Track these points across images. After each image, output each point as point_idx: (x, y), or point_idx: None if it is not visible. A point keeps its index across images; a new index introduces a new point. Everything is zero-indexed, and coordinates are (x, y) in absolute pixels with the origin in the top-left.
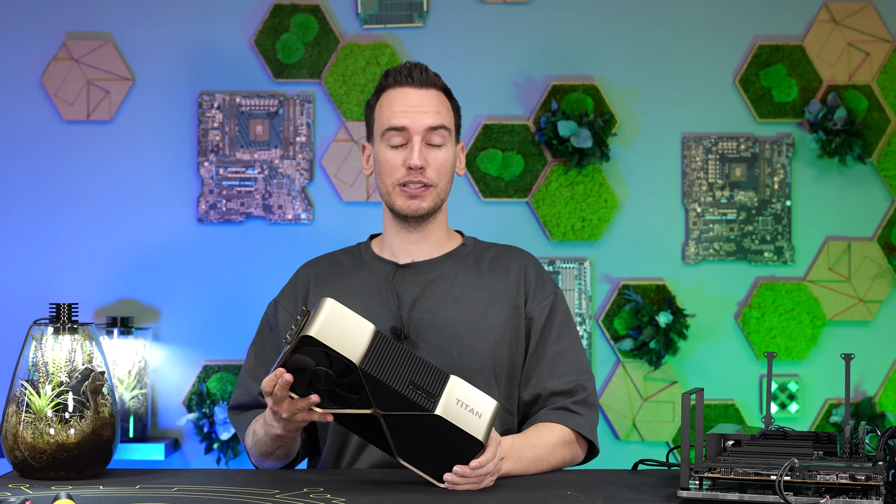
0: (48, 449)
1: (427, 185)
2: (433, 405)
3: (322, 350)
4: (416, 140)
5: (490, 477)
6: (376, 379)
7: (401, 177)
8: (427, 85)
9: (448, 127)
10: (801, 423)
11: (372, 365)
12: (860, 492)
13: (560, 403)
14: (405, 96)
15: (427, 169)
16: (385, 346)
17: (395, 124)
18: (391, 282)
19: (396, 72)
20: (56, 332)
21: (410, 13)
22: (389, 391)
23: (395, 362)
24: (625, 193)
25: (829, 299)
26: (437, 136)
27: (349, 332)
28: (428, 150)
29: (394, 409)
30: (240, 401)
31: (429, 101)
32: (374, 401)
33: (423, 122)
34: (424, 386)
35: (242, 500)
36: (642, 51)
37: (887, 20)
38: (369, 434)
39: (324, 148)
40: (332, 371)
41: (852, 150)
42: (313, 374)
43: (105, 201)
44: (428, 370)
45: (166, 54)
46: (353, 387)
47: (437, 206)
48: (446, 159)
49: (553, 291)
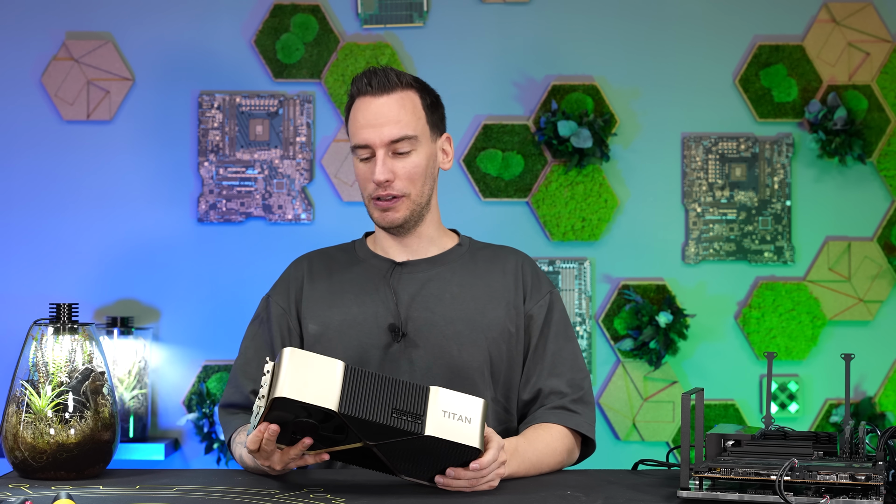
0: (48, 449)
1: (397, 196)
2: (421, 427)
3: (298, 405)
4: (380, 153)
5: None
6: (358, 419)
7: (372, 191)
8: (387, 90)
9: (411, 135)
10: (801, 423)
11: (350, 405)
12: (860, 492)
13: (558, 402)
14: (366, 108)
15: (395, 180)
16: (359, 379)
17: (357, 142)
18: (388, 279)
19: (358, 78)
20: (56, 333)
21: (410, 13)
22: (374, 425)
23: (372, 393)
24: (625, 193)
25: (829, 299)
26: (401, 145)
27: (319, 378)
28: (395, 159)
29: (383, 438)
30: (231, 399)
31: (388, 111)
32: (361, 436)
33: (382, 136)
34: (408, 409)
35: (242, 500)
36: (642, 51)
37: (887, 20)
38: (368, 461)
39: (324, 148)
40: (313, 419)
41: (852, 150)
42: (295, 426)
43: (105, 201)
44: (407, 390)
45: (166, 54)
46: (337, 427)
47: (415, 212)
48: (416, 164)
49: (549, 291)
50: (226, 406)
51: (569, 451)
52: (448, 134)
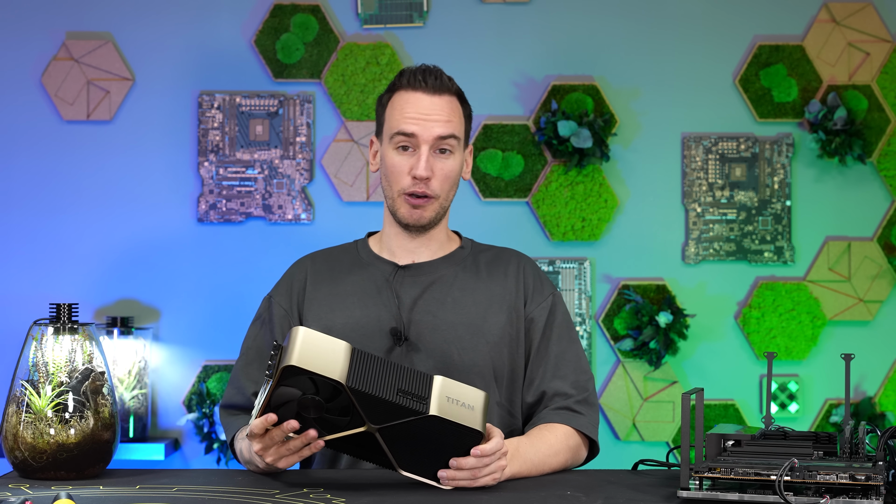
0: (48, 449)
1: (430, 196)
2: (426, 407)
3: (307, 376)
4: (424, 149)
5: (489, 476)
6: (365, 393)
7: (406, 185)
8: (441, 91)
9: (458, 136)
10: (801, 423)
11: (357, 380)
12: (860, 492)
13: (562, 404)
14: (417, 101)
15: (432, 179)
16: (364, 360)
17: (404, 129)
18: (391, 283)
19: (411, 73)
20: (56, 333)
21: (410, 13)
22: (380, 403)
23: (378, 374)
24: (625, 193)
25: (829, 299)
26: (445, 144)
27: (327, 354)
28: (435, 158)
29: (387, 420)
30: (232, 400)
31: (440, 109)
32: (365, 416)
33: (432, 131)
34: (413, 390)
35: (242, 500)
36: (642, 51)
37: (887, 20)
38: (366, 452)
39: (324, 148)
40: (320, 396)
41: (852, 150)
42: (300, 404)
43: (105, 201)
44: (412, 375)
45: (166, 54)
46: (342, 409)
47: (440, 214)
48: (453, 168)
49: (551, 293)
50: (227, 407)
51: (573, 451)
52: (471, 146)
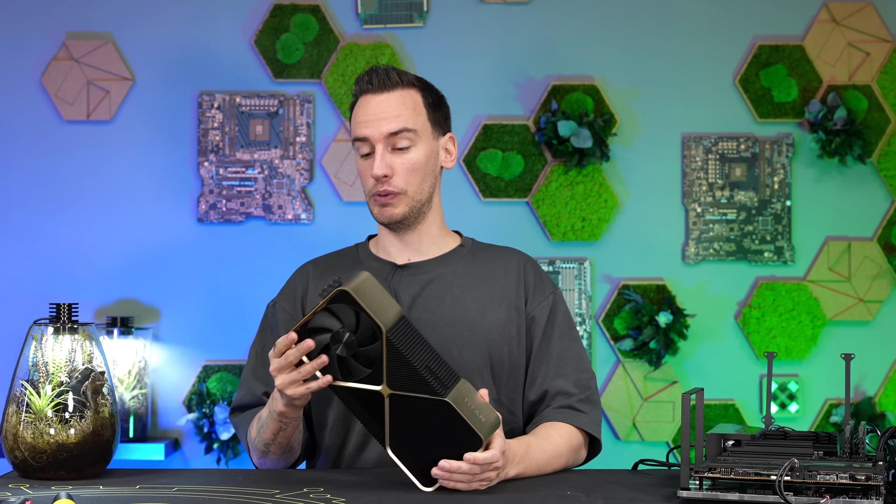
0: (48, 449)
1: (394, 192)
2: (445, 391)
3: (353, 309)
4: (379, 148)
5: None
6: (399, 351)
7: (371, 187)
8: (387, 88)
9: (411, 128)
10: (801, 423)
11: (398, 338)
12: (860, 492)
13: (565, 402)
14: (367, 104)
15: (393, 176)
16: (410, 328)
17: (357, 135)
18: (390, 282)
19: (360, 79)
20: (56, 332)
21: (410, 13)
22: (406, 367)
23: (417, 345)
24: (625, 193)
25: (829, 299)
26: (400, 139)
27: (381, 302)
28: (394, 155)
29: (404, 388)
30: (243, 402)
31: (388, 106)
32: (387, 376)
33: (381, 130)
34: (439, 374)
35: (242, 500)
36: (642, 51)
37: (887, 20)
38: (364, 414)
39: (324, 148)
40: (356, 336)
41: (852, 150)
42: (334, 337)
43: (105, 201)
44: (444, 364)
45: (166, 54)
46: (369, 360)
47: (414, 208)
48: (416, 160)
49: (552, 291)
50: (238, 408)
51: (575, 450)
52: (452, 134)
